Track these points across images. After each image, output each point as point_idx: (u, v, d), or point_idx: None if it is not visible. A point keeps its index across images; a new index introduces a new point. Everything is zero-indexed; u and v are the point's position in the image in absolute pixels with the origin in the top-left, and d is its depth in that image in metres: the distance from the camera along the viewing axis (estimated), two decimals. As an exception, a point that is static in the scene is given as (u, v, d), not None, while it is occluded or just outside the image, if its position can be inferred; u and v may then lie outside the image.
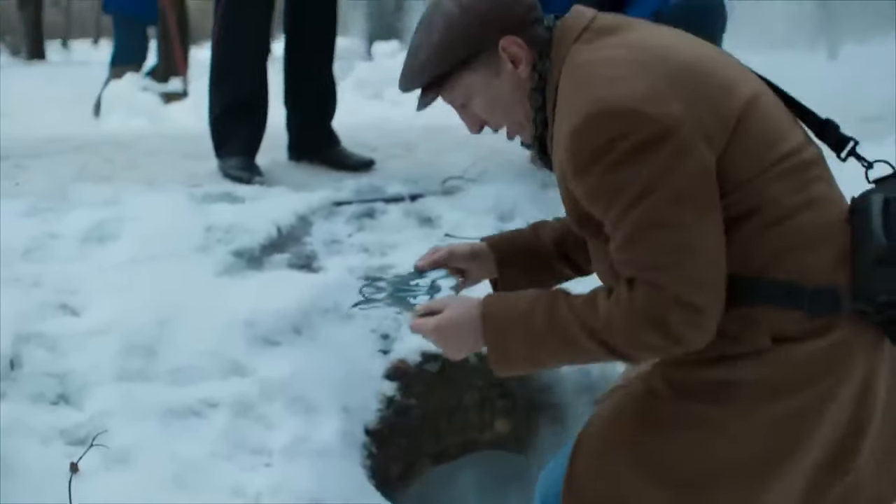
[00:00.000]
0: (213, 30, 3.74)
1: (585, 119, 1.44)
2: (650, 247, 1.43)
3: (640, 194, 1.42)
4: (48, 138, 4.76)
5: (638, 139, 1.42)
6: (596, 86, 1.47)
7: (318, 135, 3.96)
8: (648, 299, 1.43)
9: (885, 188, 1.53)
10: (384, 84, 6.60)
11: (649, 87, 1.45)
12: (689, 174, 1.43)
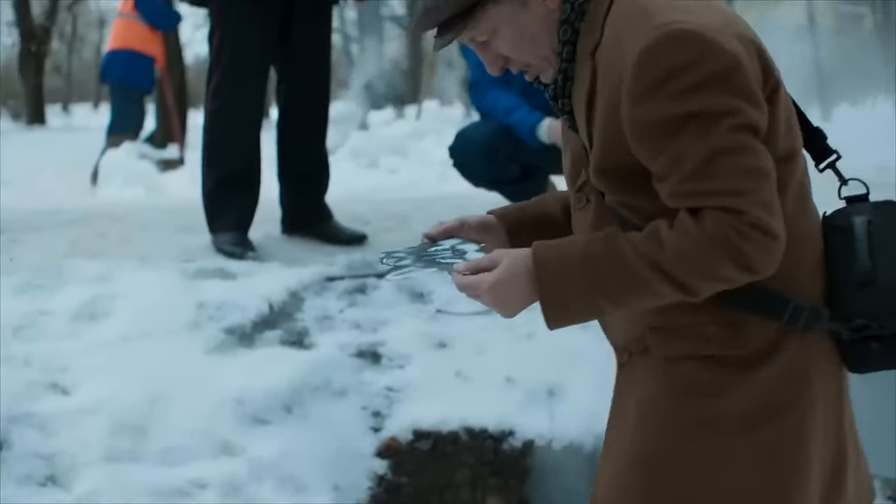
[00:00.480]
0: (206, 104, 3.78)
1: (658, 40, 1.39)
2: (728, 172, 1.39)
3: (711, 121, 1.39)
4: (43, 211, 4.79)
5: (711, 69, 1.38)
6: (666, 12, 1.43)
7: (311, 209, 3.98)
8: (725, 225, 1.38)
9: (863, 209, 1.54)
10: (379, 153, 6.66)
11: (717, 22, 1.44)
12: (752, 107, 1.41)
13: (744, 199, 1.38)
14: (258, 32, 3.67)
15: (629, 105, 1.42)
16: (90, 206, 5.30)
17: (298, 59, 3.81)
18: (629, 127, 1.43)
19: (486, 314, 3.29)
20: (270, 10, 3.67)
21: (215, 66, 3.71)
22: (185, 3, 3.80)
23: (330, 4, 3.88)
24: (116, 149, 7.62)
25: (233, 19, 3.65)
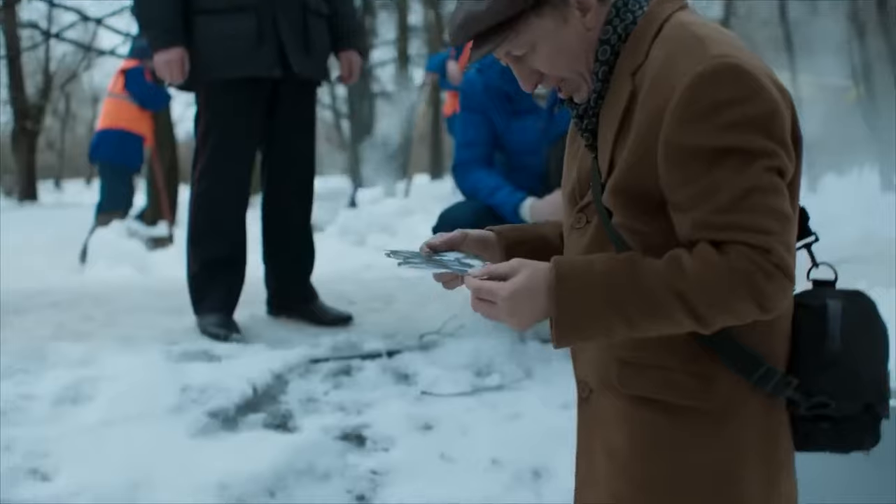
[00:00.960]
0: (192, 186, 3.81)
1: (715, 70, 1.40)
2: (760, 210, 1.39)
3: (750, 158, 1.39)
4: (30, 292, 4.78)
5: (758, 110, 1.40)
6: (722, 45, 1.44)
7: (297, 291, 3.99)
8: (750, 262, 1.38)
9: (833, 294, 1.57)
10: (368, 231, 6.69)
11: (761, 66, 1.45)
12: (785, 154, 1.43)
13: (771, 239, 1.39)
14: (244, 117, 3.72)
15: (672, 126, 1.42)
16: (77, 287, 5.29)
17: (283, 142, 3.85)
18: (666, 148, 1.44)
19: (471, 395, 3.29)
20: (256, 94, 3.72)
21: (201, 149, 3.74)
22: (173, 87, 3.83)
23: (314, 87, 3.94)
24: (105, 227, 7.63)
25: (219, 104, 3.70)
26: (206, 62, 3.64)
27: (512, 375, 3.42)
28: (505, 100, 3.64)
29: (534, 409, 3.18)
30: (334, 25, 3.91)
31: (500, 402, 3.26)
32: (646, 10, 1.56)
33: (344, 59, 4.00)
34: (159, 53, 3.62)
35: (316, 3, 3.80)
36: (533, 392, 3.30)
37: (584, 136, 1.62)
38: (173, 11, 3.60)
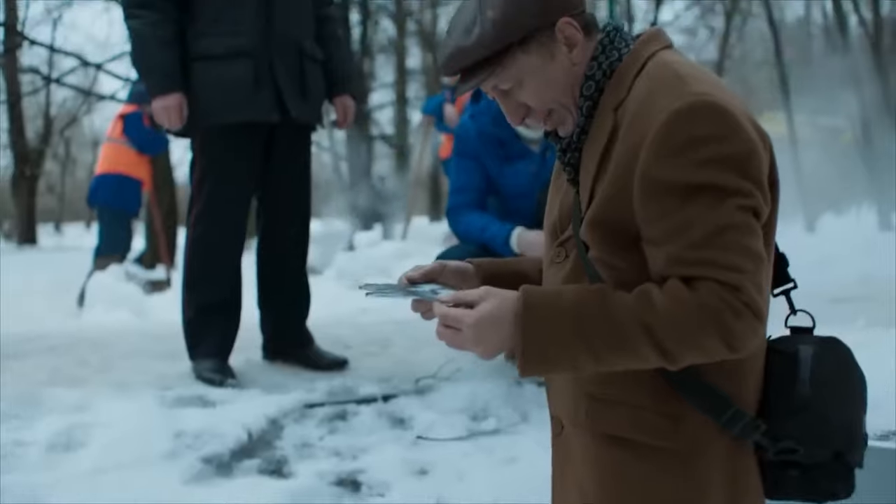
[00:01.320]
0: (187, 231, 3.81)
1: (692, 106, 1.42)
2: (733, 248, 1.40)
3: (724, 196, 1.40)
4: (27, 336, 4.77)
5: (735, 149, 1.41)
6: (701, 83, 1.46)
7: (292, 336, 3.98)
8: (720, 299, 1.38)
9: (808, 340, 1.57)
10: (365, 274, 6.69)
11: (741, 107, 1.46)
12: (760, 194, 1.43)
13: (743, 277, 1.39)
14: (240, 162, 3.73)
15: (649, 161, 1.43)
16: (74, 331, 5.27)
17: (279, 187, 3.86)
18: (641, 182, 1.45)
19: (467, 439, 3.27)
20: (252, 139, 3.73)
21: (197, 194, 3.75)
22: (171, 133, 3.84)
23: (310, 131, 3.95)
24: (103, 271, 7.63)
25: (215, 149, 3.71)
26: (204, 107, 3.66)
27: (508, 419, 3.40)
28: (497, 145, 3.67)
29: (530, 453, 3.15)
30: (329, 70, 3.94)
31: (497, 446, 3.23)
32: (631, 48, 1.59)
33: (339, 103, 4.02)
34: (157, 99, 3.64)
35: (312, 49, 3.83)
36: (529, 436, 3.28)
37: (567, 170, 1.63)
38: (171, 58, 3.62)
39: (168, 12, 3.63)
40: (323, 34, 3.93)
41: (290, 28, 3.73)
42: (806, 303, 1.65)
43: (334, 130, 3.87)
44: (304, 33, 3.80)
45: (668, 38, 1.62)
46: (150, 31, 3.61)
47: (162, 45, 3.61)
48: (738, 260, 1.40)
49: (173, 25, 3.64)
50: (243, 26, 3.64)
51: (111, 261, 7.84)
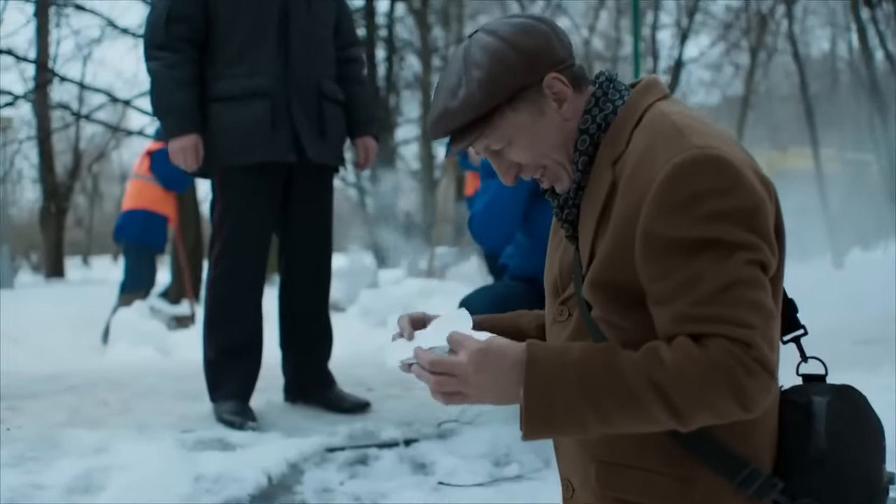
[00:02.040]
0: (208, 272, 3.79)
1: (694, 160, 1.38)
2: (742, 303, 1.36)
3: (730, 250, 1.36)
4: (47, 376, 4.77)
5: (739, 202, 1.37)
6: (702, 136, 1.42)
7: (314, 377, 3.95)
8: (730, 356, 1.33)
9: (822, 390, 1.52)
10: (389, 311, 6.66)
11: (745, 158, 1.43)
12: (768, 248, 1.40)
13: (753, 333, 1.35)
14: (260, 204, 3.72)
15: (651, 217, 1.40)
16: (95, 369, 5.28)
17: (300, 228, 3.84)
18: (644, 240, 1.41)
19: (490, 485, 3.21)
20: (271, 180, 3.73)
21: (217, 235, 3.74)
22: (190, 174, 3.83)
23: (330, 172, 3.94)
24: (128, 307, 7.64)
25: (235, 190, 3.71)
26: (222, 148, 3.66)
27: (531, 465, 3.34)
28: (528, 180, 3.61)
29: (553, 499, 3.08)
30: (351, 111, 3.93)
31: (519, 492, 3.17)
32: (626, 100, 1.56)
33: (360, 144, 4.02)
34: (174, 140, 3.64)
35: (331, 90, 3.82)
36: (552, 482, 3.19)
37: (565, 226, 1.60)
38: (189, 99, 3.62)
39: (187, 53, 3.64)
40: (345, 75, 3.93)
41: (308, 69, 3.73)
42: (832, 344, 1.61)
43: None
44: (323, 74, 3.80)
45: (664, 88, 1.59)
46: (167, 73, 3.62)
47: (179, 85, 3.61)
48: (747, 315, 1.36)
49: (192, 66, 3.65)
50: (261, 67, 3.65)
51: (136, 297, 7.87)
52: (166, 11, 3.61)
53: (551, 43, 1.54)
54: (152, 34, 3.65)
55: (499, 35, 1.53)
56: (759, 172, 1.45)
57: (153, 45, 3.65)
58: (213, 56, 3.68)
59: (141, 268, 8.13)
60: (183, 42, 3.63)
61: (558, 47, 1.54)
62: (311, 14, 3.75)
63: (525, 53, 1.51)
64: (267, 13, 3.66)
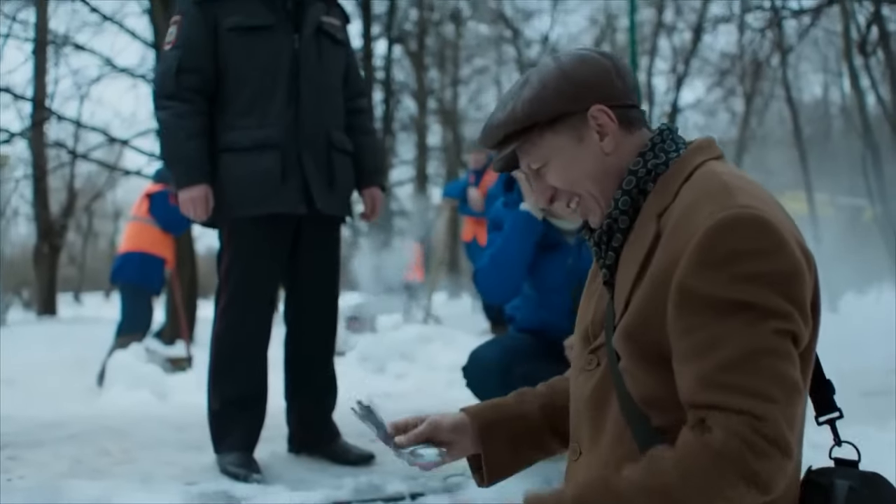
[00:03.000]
0: (214, 324, 3.76)
1: (736, 218, 1.38)
2: (765, 374, 1.33)
3: (762, 316, 1.34)
4: (46, 423, 4.72)
5: (777, 267, 1.36)
6: (747, 196, 1.43)
7: (318, 429, 3.91)
8: (741, 441, 1.30)
9: (849, 475, 1.49)
10: (388, 358, 6.64)
11: (788, 225, 1.43)
12: (802, 318, 1.38)
13: (771, 408, 1.33)
14: (267, 255, 3.71)
15: (686, 270, 1.39)
16: (94, 415, 5.23)
17: (306, 279, 3.83)
18: (676, 292, 1.40)
19: (498, 543, 3.17)
20: (280, 232, 3.72)
21: (224, 286, 3.72)
22: (198, 224, 3.82)
23: (338, 223, 3.93)
24: (124, 350, 7.59)
25: (242, 241, 3.70)
26: (231, 199, 3.65)
27: (540, 521, 3.31)
28: (532, 234, 3.60)
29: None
30: (359, 162, 3.93)
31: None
32: (680, 155, 1.57)
33: (367, 195, 4.01)
34: (183, 191, 3.63)
35: (340, 141, 3.83)
36: (561, 540, 3.18)
37: (603, 271, 1.61)
38: (198, 149, 3.62)
39: (197, 104, 3.64)
40: (353, 125, 3.94)
41: (318, 119, 3.73)
42: (837, 397, 1.58)
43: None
44: (332, 124, 3.81)
45: (718, 149, 1.60)
46: (178, 122, 3.61)
47: (189, 136, 3.61)
48: (769, 388, 1.34)
49: (202, 117, 3.65)
50: (272, 118, 3.65)
51: (133, 339, 7.81)
52: (177, 62, 3.62)
53: (608, 78, 1.58)
54: (163, 84, 3.65)
55: (558, 61, 1.60)
56: (801, 242, 1.44)
57: (163, 95, 3.65)
58: (224, 106, 3.69)
59: (138, 310, 8.09)
60: (193, 93, 3.64)
61: (616, 84, 1.59)
62: (321, 64, 3.76)
63: (575, 82, 1.57)
64: (278, 64, 3.67)
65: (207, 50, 3.64)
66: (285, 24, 3.70)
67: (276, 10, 3.69)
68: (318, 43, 3.77)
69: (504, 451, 1.76)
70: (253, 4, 3.67)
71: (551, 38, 22.02)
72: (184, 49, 3.63)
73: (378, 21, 17.99)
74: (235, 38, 3.64)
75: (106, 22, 13.66)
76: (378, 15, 18.00)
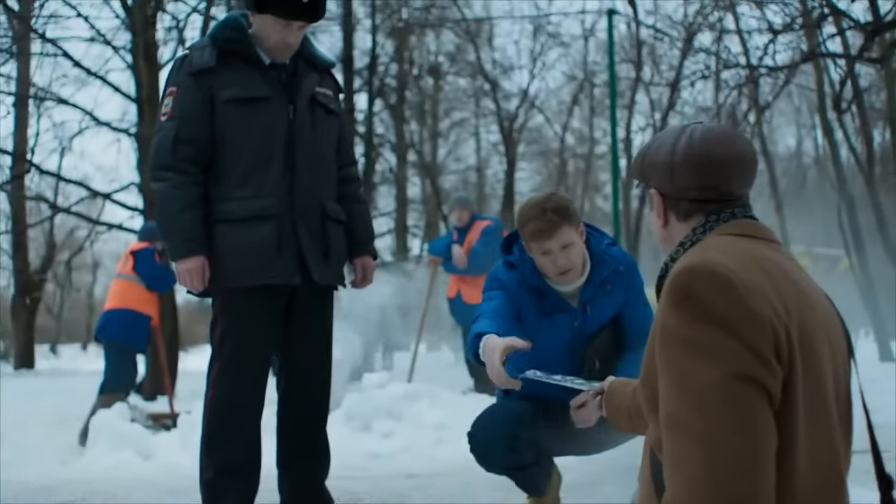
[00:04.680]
0: (206, 391, 3.75)
1: (695, 267, 1.57)
2: (707, 410, 1.47)
3: (712, 358, 1.48)
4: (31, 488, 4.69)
5: (726, 313, 1.50)
6: (721, 254, 1.62)
7: (311, 497, 3.89)
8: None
9: None
10: (374, 416, 6.64)
11: (762, 284, 1.55)
12: (759, 363, 1.52)
13: (710, 445, 1.44)
14: (262, 326, 3.71)
15: (658, 311, 1.59)
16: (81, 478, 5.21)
17: (299, 349, 3.83)
18: (654, 330, 1.60)
19: None
20: (274, 301, 3.73)
21: (217, 355, 3.71)
22: (191, 294, 3.84)
23: (331, 292, 3.95)
24: (107, 409, 7.54)
25: (236, 311, 3.70)
26: (226, 270, 3.67)
27: None
28: (536, 295, 3.61)
29: None
30: (351, 231, 3.97)
31: None
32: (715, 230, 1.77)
33: (358, 264, 4.03)
34: (181, 262, 3.65)
35: (334, 211, 3.88)
36: None
37: None
38: (195, 221, 3.65)
39: (192, 174, 3.68)
40: (345, 194, 3.98)
41: (313, 190, 3.78)
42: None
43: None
44: (326, 194, 3.85)
45: (751, 229, 1.76)
46: (174, 194, 3.64)
47: (185, 207, 3.64)
48: (710, 424, 1.45)
49: (198, 188, 3.69)
50: (268, 189, 3.68)
51: (116, 398, 7.76)
52: (174, 133, 3.66)
53: (707, 169, 1.77)
54: (159, 156, 3.69)
55: (683, 132, 1.83)
56: (771, 300, 1.54)
57: (160, 167, 3.69)
58: (220, 177, 3.72)
59: (122, 368, 8.04)
60: (189, 163, 3.67)
61: (715, 176, 1.77)
62: (315, 135, 3.82)
63: (667, 162, 1.81)
64: (274, 135, 3.71)
65: (204, 121, 3.69)
66: (281, 95, 3.75)
67: (271, 81, 3.75)
68: (313, 114, 3.82)
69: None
70: (249, 76, 3.72)
71: (530, 92, 22.24)
72: (180, 120, 3.67)
73: (359, 75, 18.17)
74: (232, 109, 3.69)
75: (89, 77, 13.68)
76: (359, 69, 18.18)
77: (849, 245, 15.15)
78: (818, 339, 1.57)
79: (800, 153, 26.74)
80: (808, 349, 1.55)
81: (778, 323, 1.51)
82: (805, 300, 1.59)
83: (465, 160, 25.77)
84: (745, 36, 14.60)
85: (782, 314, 1.52)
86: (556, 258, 3.47)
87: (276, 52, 3.74)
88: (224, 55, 3.72)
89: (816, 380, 1.56)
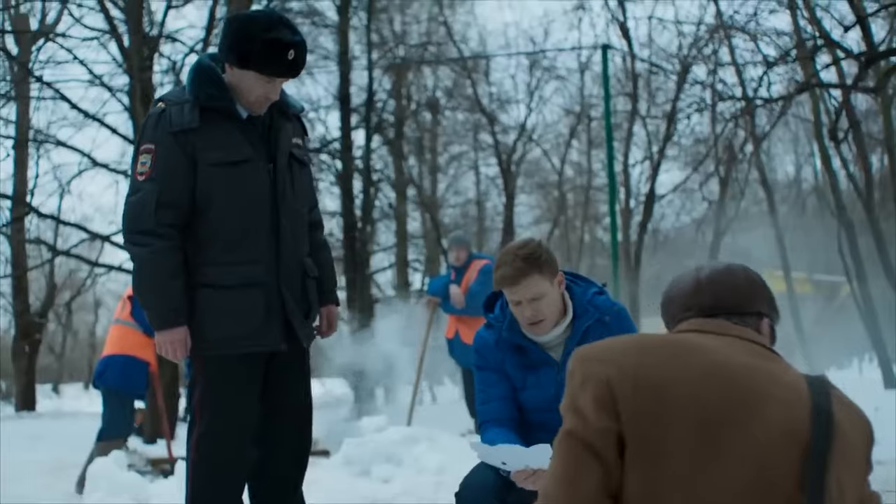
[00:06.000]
0: (188, 453, 3.65)
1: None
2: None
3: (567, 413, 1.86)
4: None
5: (579, 379, 1.88)
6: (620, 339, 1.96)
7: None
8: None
9: None
10: (373, 461, 6.60)
11: (628, 355, 1.83)
12: (578, 419, 1.89)
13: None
14: (242, 390, 3.61)
15: None
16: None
17: (279, 412, 3.74)
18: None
19: None
20: (254, 367, 3.63)
21: (197, 418, 3.61)
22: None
23: (307, 351, 3.83)
24: (105, 457, 7.49)
25: (218, 377, 3.60)
26: (210, 336, 3.56)
27: None
28: (517, 352, 3.56)
29: None
30: (320, 281, 3.88)
31: None
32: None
33: (325, 313, 3.93)
34: (165, 333, 3.54)
35: (311, 267, 3.80)
36: None
37: None
38: (176, 290, 3.53)
39: (174, 240, 3.54)
40: (312, 242, 3.88)
41: (295, 252, 3.70)
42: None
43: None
44: (304, 252, 3.78)
45: (710, 326, 1.95)
46: (155, 260, 3.51)
47: (166, 276, 3.51)
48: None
49: (179, 254, 3.55)
50: (256, 255, 3.59)
51: (114, 445, 7.70)
52: (156, 196, 3.51)
53: (723, 294, 2.00)
54: (139, 219, 3.54)
55: (709, 266, 2.09)
56: (639, 367, 1.77)
57: (139, 231, 3.53)
58: (205, 241, 3.59)
59: (120, 415, 7.96)
60: (170, 228, 3.53)
61: (736, 298, 1.99)
62: (294, 193, 3.72)
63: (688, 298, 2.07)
64: (260, 199, 3.62)
65: (186, 185, 3.55)
66: (262, 153, 3.64)
67: (252, 140, 3.63)
68: (291, 171, 3.73)
69: None
70: (231, 136, 3.60)
71: (528, 125, 22.31)
72: (161, 183, 3.52)
73: (356, 112, 18.21)
74: (218, 172, 3.57)
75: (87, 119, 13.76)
76: (356, 106, 18.23)
77: (849, 271, 15.15)
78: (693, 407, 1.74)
79: (799, 180, 26.77)
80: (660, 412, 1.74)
81: (619, 380, 1.77)
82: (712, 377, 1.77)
83: (465, 193, 25.80)
84: (740, 68, 14.68)
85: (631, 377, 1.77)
86: (524, 308, 3.41)
87: (255, 105, 3.61)
88: (204, 111, 3.56)
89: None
